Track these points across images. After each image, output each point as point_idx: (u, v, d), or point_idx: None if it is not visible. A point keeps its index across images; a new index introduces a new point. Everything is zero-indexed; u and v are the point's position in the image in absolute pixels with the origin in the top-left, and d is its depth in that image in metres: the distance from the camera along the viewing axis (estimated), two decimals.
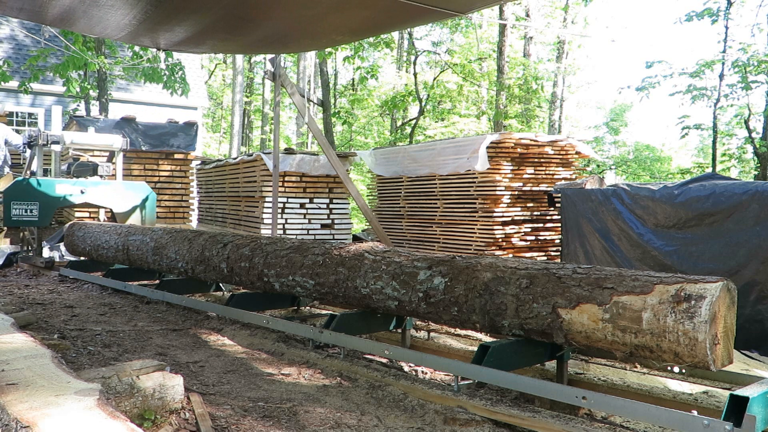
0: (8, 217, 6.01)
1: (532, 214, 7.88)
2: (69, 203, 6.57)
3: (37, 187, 6.29)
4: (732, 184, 4.96)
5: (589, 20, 24.99)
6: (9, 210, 6.02)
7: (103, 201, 6.72)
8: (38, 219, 6.22)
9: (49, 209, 6.35)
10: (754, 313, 4.49)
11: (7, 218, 6.02)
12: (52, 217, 6.43)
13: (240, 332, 3.89)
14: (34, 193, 6.20)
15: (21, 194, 6.13)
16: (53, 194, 6.38)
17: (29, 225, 6.31)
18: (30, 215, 6.16)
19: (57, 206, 6.52)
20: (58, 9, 4.50)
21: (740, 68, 13.25)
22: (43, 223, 6.29)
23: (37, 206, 6.20)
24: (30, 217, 6.17)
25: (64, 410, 1.61)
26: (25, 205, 6.11)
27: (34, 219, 6.19)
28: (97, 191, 6.63)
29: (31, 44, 15.60)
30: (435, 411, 2.51)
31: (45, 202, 6.29)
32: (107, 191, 6.71)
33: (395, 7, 3.94)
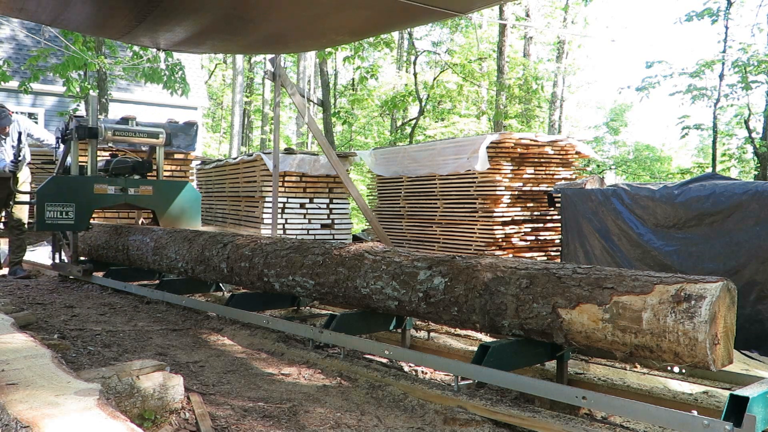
0: (41, 221, 5.29)
1: (532, 214, 7.88)
2: (108, 205, 5.80)
3: (74, 186, 5.49)
4: (732, 184, 4.96)
5: (589, 20, 25.00)
6: (43, 212, 5.28)
7: (144, 202, 5.90)
8: (74, 222, 5.42)
9: (86, 211, 5.53)
10: (754, 313, 4.49)
11: (40, 221, 5.30)
12: (89, 220, 5.68)
13: (240, 332, 3.89)
14: (69, 193, 5.41)
15: (56, 194, 5.35)
16: (91, 195, 5.56)
17: (64, 229, 5.54)
18: (65, 218, 5.37)
19: (95, 208, 5.72)
20: (58, 9, 4.50)
21: (740, 68, 13.25)
22: (79, 227, 5.50)
23: (73, 208, 5.40)
24: (66, 220, 5.38)
25: (64, 410, 1.61)
26: (60, 206, 5.33)
27: (69, 222, 5.39)
28: (138, 191, 5.85)
29: (31, 44, 15.60)
30: (435, 411, 2.51)
31: (82, 204, 5.47)
32: (149, 191, 5.91)
33: (395, 7, 3.94)
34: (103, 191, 5.64)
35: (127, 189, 5.76)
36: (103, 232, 5.93)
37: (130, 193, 5.77)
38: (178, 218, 6.03)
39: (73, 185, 5.50)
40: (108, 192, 5.66)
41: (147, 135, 5.94)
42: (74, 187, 5.48)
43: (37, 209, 5.33)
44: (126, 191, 5.75)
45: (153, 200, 5.92)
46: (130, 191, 5.77)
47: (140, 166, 6.05)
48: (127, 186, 5.77)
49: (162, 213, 5.99)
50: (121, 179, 5.80)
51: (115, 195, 5.71)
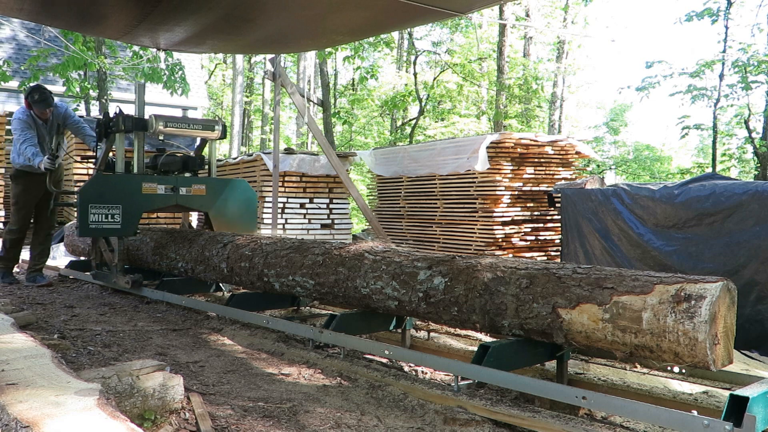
0: (84, 225, 4.63)
1: (532, 214, 7.89)
2: (157, 206, 5.14)
3: (120, 185, 4.85)
4: (732, 184, 4.96)
5: (589, 20, 25.02)
6: (86, 215, 4.62)
7: (196, 203, 5.21)
8: (121, 227, 4.77)
9: (134, 214, 4.88)
10: (754, 313, 4.49)
11: (82, 226, 4.64)
12: (137, 224, 5.04)
13: (240, 332, 3.89)
14: (116, 193, 4.77)
15: (101, 195, 4.70)
16: (139, 195, 4.90)
17: (110, 234, 4.85)
18: (111, 222, 4.72)
19: (144, 210, 5.05)
20: (58, 9, 4.50)
21: (740, 68, 13.25)
22: (127, 231, 4.85)
23: (119, 210, 4.75)
24: (111, 225, 4.72)
25: (65, 410, 1.61)
26: (105, 209, 4.68)
27: (116, 227, 4.75)
28: (190, 191, 5.18)
29: (32, 45, 15.60)
30: (435, 411, 2.51)
31: (129, 205, 4.83)
32: (201, 191, 5.25)
33: (395, 7, 3.94)
34: (152, 191, 4.97)
35: (178, 188, 5.09)
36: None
37: (182, 193, 5.10)
38: (233, 221, 5.36)
39: (120, 184, 4.86)
40: (157, 192, 5.00)
41: (202, 127, 5.23)
42: (121, 186, 4.85)
43: (79, 212, 4.68)
44: (177, 191, 5.08)
45: (206, 201, 5.26)
46: (182, 191, 5.11)
47: (191, 162, 5.36)
48: (178, 185, 5.09)
49: (216, 215, 5.30)
50: (171, 177, 5.14)
51: (165, 195, 5.04)
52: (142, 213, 5.05)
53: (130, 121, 4.94)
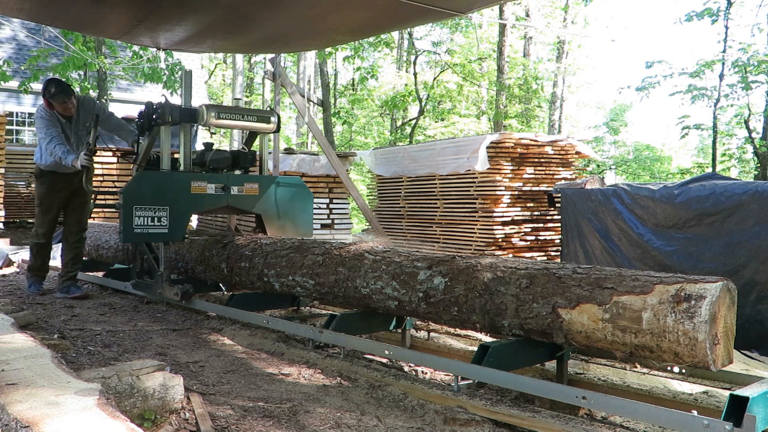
0: (129, 230, 4.10)
1: (532, 214, 7.89)
2: (207, 208, 4.61)
3: (167, 184, 4.33)
4: (732, 184, 4.96)
5: (589, 20, 25.02)
6: (130, 218, 4.10)
7: (249, 204, 4.67)
8: (168, 231, 4.24)
9: (182, 217, 4.34)
10: (754, 313, 4.49)
11: (127, 231, 4.11)
12: (186, 228, 4.49)
13: (240, 332, 3.89)
14: (163, 193, 4.26)
15: (146, 196, 4.18)
16: (188, 195, 4.37)
17: (157, 240, 4.33)
18: (158, 226, 4.19)
19: (193, 213, 4.52)
20: (58, 9, 4.50)
21: (740, 68, 13.26)
22: (175, 236, 4.32)
23: (166, 213, 4.22)
24: (158, 229, 4.19)
25: (65, 410, 1.61)
26: (151, 211, 4.15)
27: (163, 232, 4.22)
28: (242, 190, 4.64)
29: (32, 45, 15.60)
30: (435, 411, 2.51)
31: (178, 207, 4.30)
32: (254, 190, 4.69)
33: (395, 7, 3.94)
34: (202, 191, 4.41)
35: (230, 187, 4.56)
36: (103, 231, 5.93)
37: (233, 192, 4.57)
38: (288, 224, 4.85)
39: (167, 184, 4.33)
40: (207, 192, 4.44)
41: (257, 118, 4.72)
42: (168, 186, 4.33)
43: (122, 215, 4.14)
44: (228, 190, 4.55)
45: (259, 201, 4.72)
46: (233, 190, 4.57)
47: (243, 158, 4.82)
48: (229, 184, 4.57)
49: (270, 217, 4.76)
50: (222, 175, 4.61)
51: (215, 195, 4.49)
52: (191, 216, 4.51)
53: (178, 111, 4.42)
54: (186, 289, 4.31)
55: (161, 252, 4.43)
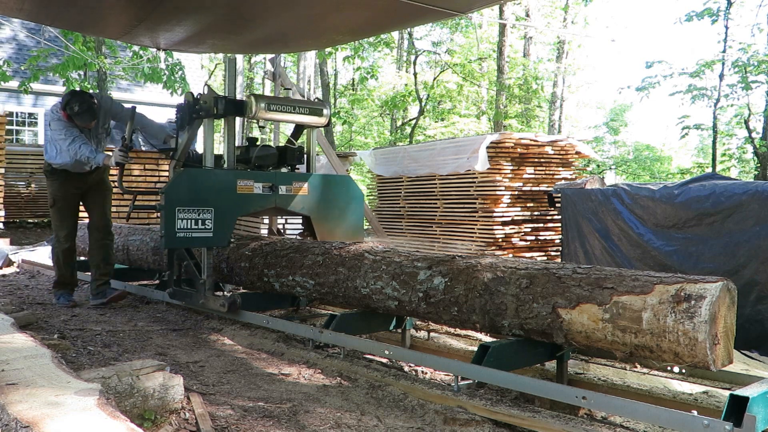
0: (171, 234, 3.74)
1: (532, 214, 7.88)
2: (254, 209, 4.15)
3: (212, 183, 3.92)
4: (732, 184, 4.96)
5: (589, 20, 25.02)
6: (173, 221, 3.73)
7: (298, 204, 4.27)
8: (213, 235, 3.86)
9: (228, 219, 3.94)
10: (754, 313, 4.49)
11: (169, 236, 3.75)
12: (232, 232, 4.09)
13: (240, 332, 3.89)
14: (207, 193, 3.87)
15: (190, 196, 3.81)
16: (234, 196, 3.98)
17: (200, 245, 3.91)
18: (202, 229, 3.80)
19: (239, 215, 4.11)
20: (58, 9, 4.50)
21: (740, 68, 13.26)
22: (220, 241, 3.93)
23: (211, 215, 3.83)
24: (202, 232, 3.81)
25: (65, 410, 1.61)
26: (194, 213, 3.77)
27: (207, 236, 3.84)
28: (291, 190, 4.24)
29: (32, 45, 15.61)
30: (435, 411, 2.51)
31: (223, 209, 3.91)
32: (303, 190, 4.29)
33: (395, 7, 3.94)
34: (249, 190, 4.02)
35: (278, 187, 4.17)
36: None
37: (281, 192, 4.18)
38: (338, 226, 4.45)
39: (212, 182, 3.93)
40: (254, 192, 4.05)
41: (309, 111, 4.31)
42: (213, 185, 3.93)
43: (164, 218, 3.75)
44: (276, 190, 4.15)
45: (308, 202, 4.33)
46: (281, 190, 4.18)
47: (290, 155, 4.43)
48: (277, 182, 4.17)
49: (320, 219, 4.36)
50: (269, 173, 4.23)
51: (262, 196, 4.10)
52: (237, 218, 4.08)
53: (225, 104, 4.01)
54: (233, 300, 3.87)
55: (204, 258, 3.99)
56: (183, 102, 4.20)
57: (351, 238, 4.41)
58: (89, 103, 4.42)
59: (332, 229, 4.43)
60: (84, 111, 4.39)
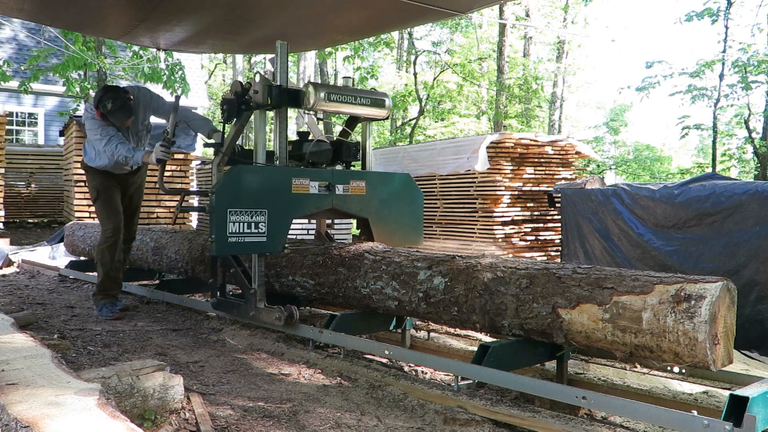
0: (222, 239, 3.33)
1: (532, 214, 7.89)
2: (310, 211, 3.72)
3: (266, 182, 3.52)
4: (732, 184, 4.96)
5: (589, 20, 25.02)
6: (224, 225, 3.32)
7: (355, 206, 3.87)
8: (267, 240, 3.47)
9: (282, 222, 3.55)
10: (754, 313, 4.49)
11: (220, 240, 3.33)
12: (287, 236, 3.70)
13: (240, 332, 3.89)
14: (260, 193, 3.47)
15: (244, 196, 3.40)
16: (289, 196, 3.57)
17: (254, 251, 3.52)
18: (255, 233, 3.41)
19: (294, 217, 3.67)
20: (58, 9, 4.50)
21: (740, 68, 13.27)
22: (274, 246, 3.53)
23: (265, 217, 3.44)
24: (255, 237, 3.42)
25: (65, 410, 1.61)
26: (248, 215, 3.38)
27: (260, 240, 3.45)
28: (348, 189, 3.83)
29: (32, 45, 15.60)
30: (435, 411, 2.51)
31: (278, 210, 3.52)
32: (361, 189, 3.90)
33: (395, 7, 3.94)
34: (304, 190, 3.62)
35: (335, 186, 3.75)
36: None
37: (338, 192, 3.77)
38: (397, 230, 4.07)
39: (266, 181, 3.52)
40: (310, 191, 3.65)
41: (370, 102, 3.89)
42: (267, 184, 3.52)
43: (214, 220, 3.34)
44: (332, 190, 3.74)
45: (367, 203, 3.91)
46: (338, 189, 3.77)
47: (346, 150, 4.05)
48: (334, 181, 3.76)
49: (379, 222, 3.96)
50: (326, 171, 3.82)
51: (319, 196, 3.69)
52: (292, 221, 3.66)
53: (280, 93, 3.61)
54: (290, 312, 3.48)
55: (255, 265, 3.61)
56: (229, 92, 3.80)
57: (410, 242, 4.12)
58: (124, 99, 4.07)
59: (392, 233, 4.03)
60: (118, 108, 4.04)
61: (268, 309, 3.57)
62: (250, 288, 3.64)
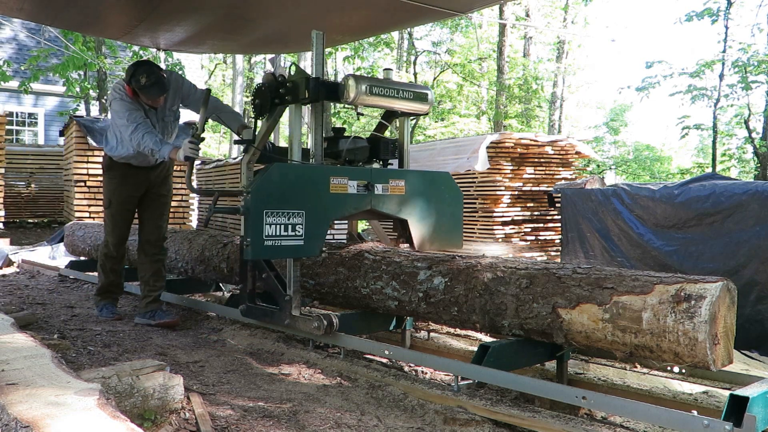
0: (258, 242, 3.08)
1: (532, 214, 7.89)
2: (348, 212, 3.45)
3: (304, 181, 3.27)
4: (732, 184, 4.96)
5: (589, 20, 25.04)
6: (260, 227, 3.07)
7: (394, 207, 3.59)
8: (304, 243, 3.22)
9: (320, 224, 3.30)
10: (754, 313, 4.49)
11: (256, 244, 3.08)
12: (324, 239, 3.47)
13: (240, 332, 3.89)
14: (299, 193, 3.22)
15: (280, 196, 3.15)
16: (327, 196, 3.33)
17: (291, 255, 3.27)
18: (292, 236, 3.17)
19: (332, 219, 3.44)
20: (58, 9, 4.50)
21: (740, 68, 13.27)
22: (312, 249, 3.28)
23: (302, 219, 3.20)
24: (292, 240, 3.17)
25: (65, 410, 1.61)
26: (284, 217, 3.13)
27: (297, 244, 3.20)
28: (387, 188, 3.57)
29: (32, 45, 15.60)
30: (435, 411, 2.51)
31: (315, 211, 3.27)
32: (400, 189, 3.64)
33: (395, 6, 3.94)
34: (342, 190, 3.37)
35: (373, 185, 3.49)
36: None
37: (376, 192, 3.51)
38: (438, 233, 3.80)
39: (304, 180, 3.27)
40: (348, 191, 3.40)
41: (413, 96, 3.61)
42: (306, 183, 3.27)
43: (250, 222, 3.09)
44: (371, 189, 3.48)
45: (406, 203, 3.65)
46: (377, 189, 3.51)
47: (384, 147, 3.77)
48: (373, 180, 3.49)
49: (419, 224, 3.68)
50: (365, 169, 3.55)
51: (357, 196, 3.43)
52: (330, 223, 3.43)
53: (318, 86, 3.35)
54: (330, 321, 3.23)
55: (290, 269, 3.36)
56: (261, 84, 3.52)
57: (451, 245, 3.86)
58: (158, 74, 3.81)
59: (432, 235, 3.77)
60: (153, 83, 3.78)
61: (305, 317, 3.32)
62: (284, 294, 3.39)
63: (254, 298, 3.68)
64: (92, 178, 8.34)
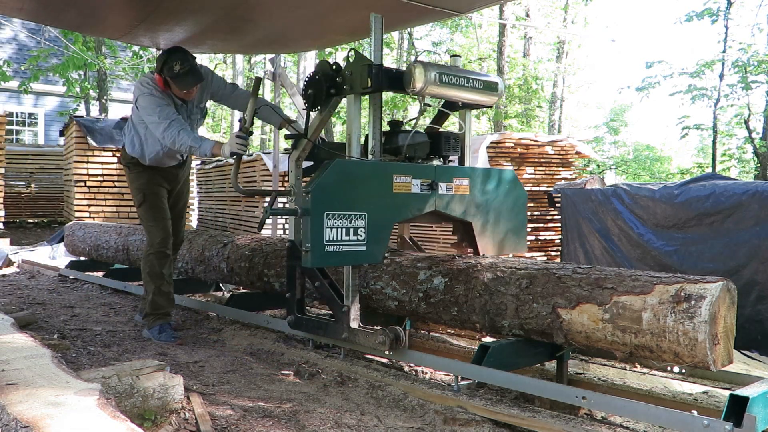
0: (319, 248, 2.77)
1: (532, 214, 7.89)
2: (412, 214, 3.13)
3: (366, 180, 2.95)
4: (732, 184, 4.97)
5: (589, 20, 25.03)
6: (320, 231, 2.76)
7: (458, 208, 3.27)
8: (366, 248, 2.91)
9: (383, 228, 2.99)
10: (754, 313, 4.49)
11: (317, 249, 2.76)
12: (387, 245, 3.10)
13: (240, 332, 3.89)
14: (361, 193, 2.91)
15: (343, 196, 2.85)
16: (390, 196, 3.00)
17: (354, 261, 2.95)
18: (354, 241, 2.86)
19: (396, 221, 3.11)
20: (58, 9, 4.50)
21: (740, 68, 13.27)
22: (375, 256, 2.97)
23: (364, 221, 2.88)
24: (354, 245, 2.86)
25: (65, 410, 1.61)
26: (346, 219, 2.82)
27: (359, 249, 2.88)
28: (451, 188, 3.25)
29: (32, 45, 15.61)
30: (435, 411, 2.51)
31: (377, 213, 2.96)
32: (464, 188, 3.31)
33: (395, 7, 3.94)
34: (406, 189, 3.05)
35: (437, 185, 3.16)
36: (103, 231, 5.93)
37: (440, 192, 3.18)
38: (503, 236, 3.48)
39: (367, 179, 2.96)
40: (412, 191, 3.07)
41: (483, 85, 3.27)
42: (368, 182, 2.95)
43: (309, 225, 2.77)
44: (435, 189, 3.15)
45: (471, 204, 3.33)
46: (441, 188, 3.18)
47: (445, 142, 3.43)
48: (437, 179, 3.17)
49: (484, 227, 3.39)
50: (428, 167, 3.22)
51: (421, 196, 3.11)
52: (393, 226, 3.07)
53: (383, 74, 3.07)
54: (396, 335, 2.93)
55: (348, 277, 3.07)
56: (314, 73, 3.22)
57: (517, 249, 3.61)
58: (193, 61, 3.50)
59: (497, 239, 3.47)
60: (187, 71, 3.46)
61: (366, 331, 3.00)
62: (341, 305, 3.09)
63: (303, 309, 3.44)
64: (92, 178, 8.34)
